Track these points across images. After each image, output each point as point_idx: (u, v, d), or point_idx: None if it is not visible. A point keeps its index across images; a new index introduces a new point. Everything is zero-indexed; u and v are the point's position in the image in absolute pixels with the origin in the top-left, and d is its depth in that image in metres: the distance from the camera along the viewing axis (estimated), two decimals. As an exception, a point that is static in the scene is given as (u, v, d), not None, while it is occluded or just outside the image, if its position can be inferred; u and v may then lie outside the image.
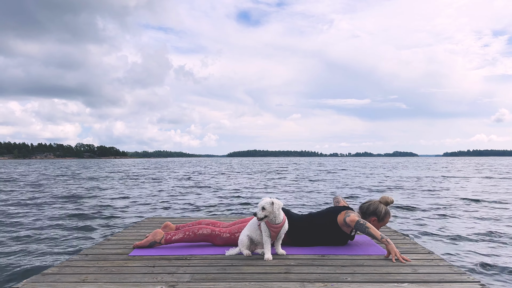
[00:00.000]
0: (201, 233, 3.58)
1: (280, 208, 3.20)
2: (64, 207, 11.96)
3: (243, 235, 3.33)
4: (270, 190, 17.75)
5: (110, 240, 3.92)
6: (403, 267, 2.88)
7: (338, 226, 3.50)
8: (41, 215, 10.31)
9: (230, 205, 12.50)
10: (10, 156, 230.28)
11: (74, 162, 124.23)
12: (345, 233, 3.54)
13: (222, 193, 16.22)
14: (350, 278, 2.64)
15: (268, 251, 3.15)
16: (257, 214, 3.13)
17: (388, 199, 3.66)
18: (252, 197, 14.62)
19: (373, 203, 3.67)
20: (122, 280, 2.63)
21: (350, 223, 3.32)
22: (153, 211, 11.20)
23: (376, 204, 3.64)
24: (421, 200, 13.14)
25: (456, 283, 2.53)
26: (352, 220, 3.30)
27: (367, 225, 3.23)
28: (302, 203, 12.73)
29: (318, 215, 3.67)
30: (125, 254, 3.33)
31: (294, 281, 2.59)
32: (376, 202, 3.67)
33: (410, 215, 9.78)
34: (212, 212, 11.10)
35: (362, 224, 3.24)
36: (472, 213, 10.15)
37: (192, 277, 2.68)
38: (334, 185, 20.56)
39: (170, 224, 3.98)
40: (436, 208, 11.11)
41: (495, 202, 12.48)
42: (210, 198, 14.36)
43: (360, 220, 3.27)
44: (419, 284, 2.52)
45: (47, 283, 2.58)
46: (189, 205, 12.42)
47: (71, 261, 3.13)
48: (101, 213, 10.56)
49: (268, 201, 3.14)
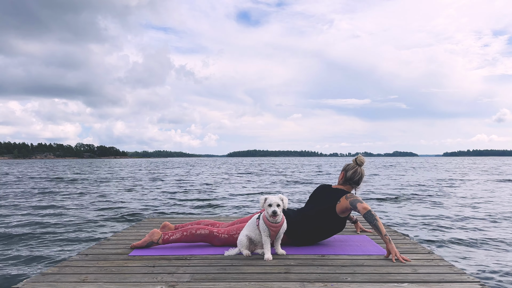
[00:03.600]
0: (199, 233, 3.57)
1: (287, 204, 3.20)
2: (64, 207, 11.96)
3: (242, 235, 3.32)
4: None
5: (110, 240, 3.92)
6: (403, 267, 2.88)
7: (335, 213, 3.46)
8: (41, 215, 10.30)
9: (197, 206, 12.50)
10: (10, 156, 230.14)
11: (73, 162, 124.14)
12: (341, 218, 3.51)
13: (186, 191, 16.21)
14: (350, 278, 2.64)
15: (267, 251, 3.14)
16: (277, 212, 3.09)
17: (362, 159, 3.64)
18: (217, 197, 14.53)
19: (355, 170, 3.61)
20: (122, 280, 2.63)
21: (362, 210, 3.21)
22: (153, 211, 11.20)
23: (359, 170, 3.60)
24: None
25: (456, 283, 2.53)
26: (365, 208, 3.20)
27: (376, 217, 3.16)
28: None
29: (309, 206, 3.64)
30: (125, 254, 3.32)
31: (294, 281, 2.58)
32: (357, 168, 3.61)
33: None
34: (211, 212, 11.10)
35: (373, 215, 3.16)
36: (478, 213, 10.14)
37: (192, 277, 2.68)
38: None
39: (169, 224, 3.97)
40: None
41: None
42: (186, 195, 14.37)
43: (372, 210, 3.20)
44: (419, 284, 2.51)
45: (47, 283, 2.58)
46: (187, 205, 12.42)
47: (71, 261, 3.13)
48: (101, 213, 10.55)
49: (280, 197, 3.14)
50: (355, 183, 3.63)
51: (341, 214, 3.48)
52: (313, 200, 3.70)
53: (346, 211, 3.45)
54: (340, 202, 3.44)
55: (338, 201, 3.46)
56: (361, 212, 3.24)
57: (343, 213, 3.48)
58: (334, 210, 3.47)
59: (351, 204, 3.35)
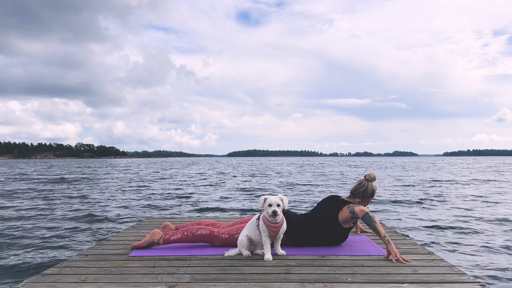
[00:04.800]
0: (200, 233, 3.58)
1: (287, 204, 3.20)
2: (64, 207, 11.95)
3: (242, 235, 3.33)
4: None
5: (110, 241, 3.93)
6: (403, 268, 2.88)
7: (338, 222, 3.48)
8: (41, 215, 10.30)
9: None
10: (10, 156, 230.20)
11: (73, 162, 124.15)
12: (344, 228, 3.53)
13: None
14: (350, 278, 2.64)
15: (268, 252, 3.14)
16: (277, 212, 3.11)
17: (373, 175, 3.65)
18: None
19: (360, 182, 3.65)
20: (122, 280, 2.63)
21: (360, 212, 3.28)
22: (153, 212, 11.20)
23: (370, 185, 3.62)
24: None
25: (456, 283, 2.53)
26: (362, 210, 3.28)
27: (375, 219, 3.22)
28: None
29: (314, 211, 3.70)
30: (125, 255, 3.33)
31: (294, 281, 2.58)
32: (368, 183, 3.63)
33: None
34: (211, 212, 11.10)
35: (371, 217, 3.22)
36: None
37: (192, 277, 2.68)
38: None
39: (170, 224, 3.98)
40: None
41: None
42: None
43: (369, 213, 3.26)
44: (419, 284, 2.51)
45: (47, 283, 2.58)
46: (187, 205, 12.42)
47: (71, 261, 3.13)
48: (101, 213, 10.55)
49: (280, 198, 3.14)
50: (359, 195, 3.64)
51: (343, 224, 3.50)
52: (319, 206, 3.74)
53: (348, 221, 3.48)
54: (342, 211, 3.48)
55: (341, 210, 3.50)
56: (359, 215, 3.30)
57: (346, 223, 3.50)
58: (336, 218, 3.50)
59: (350, 212, 3.40)
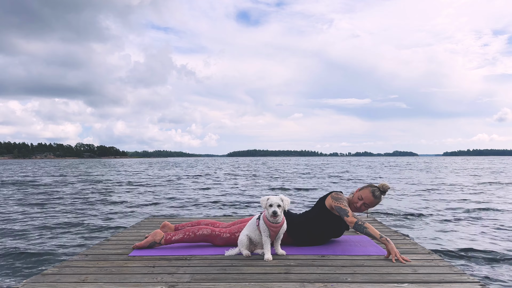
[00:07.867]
0: (201, 233, 3.58)
1: (289, 204, 3.21)
2: (64, 207, 11.96)
3: (242, 235, 3.33)
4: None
5: (110, 241, 3.93)
6: (403, 268, 2.88)
7: (325, 207, 3.53)
8: (41, 215, 10.30)
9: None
10: (10, 156, 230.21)
11: (73, 162, 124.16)
12: (335, 216, 3.54)
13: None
14: (350, 278, 2.64)
15: (268, 251, 3.14)
16: (277, 212, 3.11)
17: (386, 187, 3.60)
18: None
19: (378, 197, 3.60)
20: (122, 280, 2.63)
21: (350, 224, 3.34)
22: (153, 212, 11.20)
23: (371, 189, 3.60)
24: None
25: (456, 283, 2.53)
26: (351, 222, 3.32)
27: (365, 225, 3.26)
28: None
29: (311, 209, 3.76)
30: (125, 255, 3.33)
31: (294, 281, 2.58)
32: (369, 187, 3.61)
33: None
34: (211, 212, 11.10)
35: (361, 225, 3.27)
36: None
37: (192, 277, 2.68)
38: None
39: (169, 224, 3.98)
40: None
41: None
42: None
43: (359, 221, 3.29)
44: (419, 284, 2.51)
45: (47, 283, 2.58)
46: (187, 205, 12.42)
47: (71, 261, 3.13)
48: (101, 214, 10.55)
49: (281, 198, 3.15)
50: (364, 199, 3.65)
51: (333, 211, 3.53)
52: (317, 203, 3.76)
53: (332, 209, 3.51)
54: (327, 198, 3.55)
55: (326, 197, 3.57)
56: (350, 226, 3.36)
57: (332, 209, 3.52)
58: (323, 204, 3.55)
59: (336, 208, 3.42)
